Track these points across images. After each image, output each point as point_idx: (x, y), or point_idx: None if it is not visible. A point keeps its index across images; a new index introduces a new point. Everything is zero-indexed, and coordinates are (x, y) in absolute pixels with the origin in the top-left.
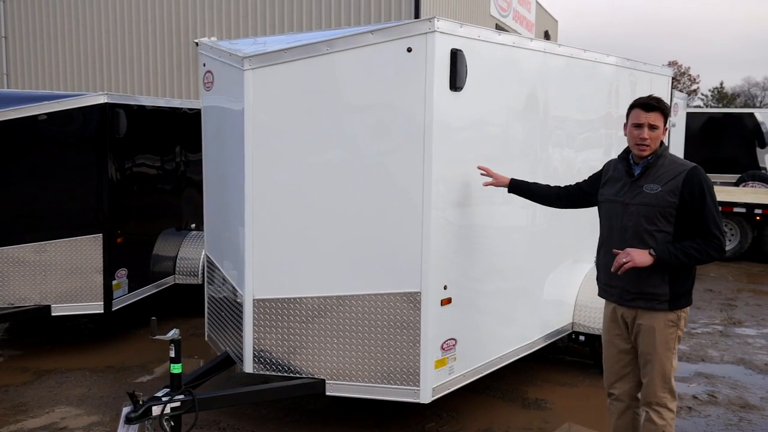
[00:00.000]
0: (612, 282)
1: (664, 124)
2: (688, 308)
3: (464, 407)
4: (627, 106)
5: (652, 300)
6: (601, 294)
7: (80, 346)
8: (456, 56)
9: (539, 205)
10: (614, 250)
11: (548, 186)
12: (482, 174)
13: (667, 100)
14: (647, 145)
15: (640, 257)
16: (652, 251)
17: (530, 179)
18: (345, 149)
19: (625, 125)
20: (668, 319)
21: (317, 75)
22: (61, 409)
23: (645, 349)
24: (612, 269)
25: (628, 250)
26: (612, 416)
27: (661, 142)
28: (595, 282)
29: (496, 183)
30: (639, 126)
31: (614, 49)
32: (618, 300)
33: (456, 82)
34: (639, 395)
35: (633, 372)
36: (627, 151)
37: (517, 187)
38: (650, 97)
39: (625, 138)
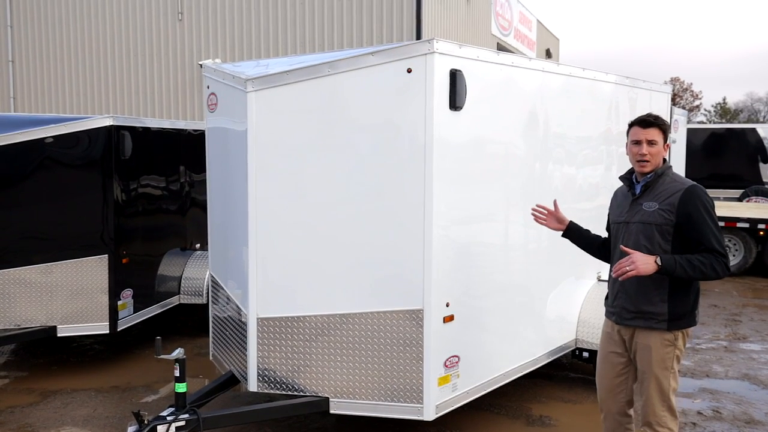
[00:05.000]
0: (614, 302)
1: (665, 141)
2: (689, 329)
3: (468, 424)
4: (627, 123)
5: (650, 319)
6: (606, 314)
7: (86, 366)
8: (455, 76)
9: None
10: (622, 247)
11: (596, 236)
12: (535, 213)
13: (666, 117)
14: (647, 161)
15: (644, 266)
16: (658, 260)
17: (530, 196)
18: (347, 169)
19: (627, 144)
20: (665, 338)
21: (319, 96)
22: (67, 430)
23: (642, 367)
24: (614, 272)
25: (634, 256)
26: None
27: (664, 160)
28: (598, 298)
29: (553, 222)
30: (638, 143)
31: (617, 66)
32: (617, 320)
33: (456, 101)
34: (630, 412)
35: (626, 390)
36: (630, 171)
37: (572, 231)
38: (648, 115)
39: (627, 156)
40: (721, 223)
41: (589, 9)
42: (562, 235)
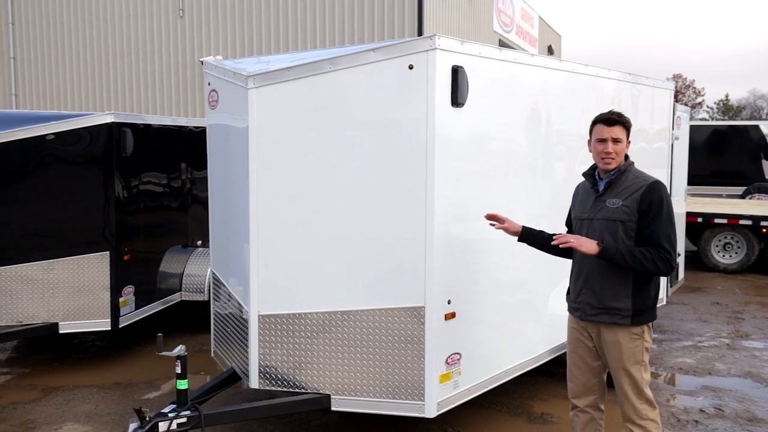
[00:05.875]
0: (577, 298)
1: (627, 137)
2: (651, 322)
3: (469, 421)
4: (629, 120)
5: (614, 315)
6: (568, 309)
7: (87, 363)
8: (457, 73)
9: (544, 219)
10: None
11: (552, 235)
12: (491, 224)
13: (669, 113)
14: (612, 159)
15: (588, 244)
16: (600, 242)
17: (534, 193)
18: (348, 166)
19: (589, 141)
20: (632, 333)
21: (320, 93)
22: (68, 426)
23: (613, 364)
24: (554, 239)
25: (579, 236)
26: (575, 428)
27: (627, 157)
28: None
29: (507, 229)
30: (602, 140)
31: (619, 63)
32: (581, 316)
33: (457, 98)
34: (602, 406)
35: (598, 384)
36: (593, 168)
37: (527, 235)
38: (611, 112)
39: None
40: (724, 221)
41: (590, 5)
42: (518, 240)
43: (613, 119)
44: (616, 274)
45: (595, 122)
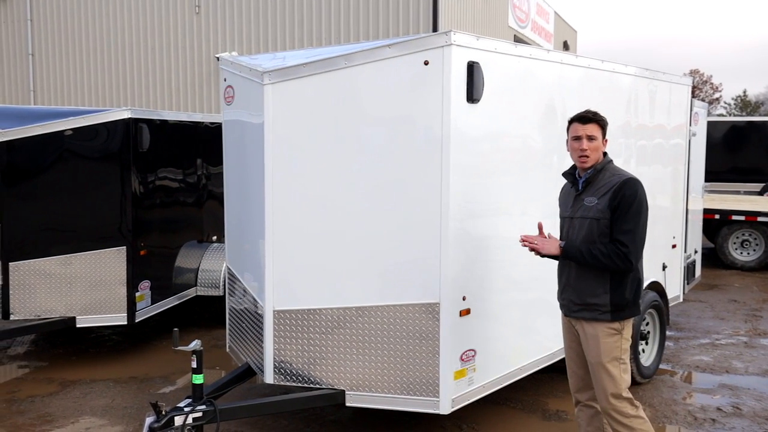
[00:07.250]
0: (562, 295)
1: (603, 135)
2: (633, 318)
3: (484, 418)
4: (646, 116)
5: (594, 310)
6: (559, 307)
7: (104, 357)
8: (473, 68)
9: (557, 216)
10: (522, 236)
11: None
12: (526, 244)
13: (686, 109)
14: (588, 156)
15: (548, 245)
16: (561, 243)
17: (550, 189)
18: (363, 162)
19: (567, 141)
20: (611, 328)
21: (336, 89)
22: (85, 420)
23: (592, 359)
24: (520, 240)
25: (543, 239)
26: (581, 424)
27: (605, 154)
28: None
29: (546, 247)
30: (578, 138)
31: (636, 58)
32: (566, 312)
33: (473, 94)
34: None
35: None
36: (574, 167)
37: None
38: (586, 111)
39: (637, 150)
40: (742, 218)
41: (607, 0)
42: (562, 258)
43: (587, 117)
44: (593, 271)
45: (570, 121)
